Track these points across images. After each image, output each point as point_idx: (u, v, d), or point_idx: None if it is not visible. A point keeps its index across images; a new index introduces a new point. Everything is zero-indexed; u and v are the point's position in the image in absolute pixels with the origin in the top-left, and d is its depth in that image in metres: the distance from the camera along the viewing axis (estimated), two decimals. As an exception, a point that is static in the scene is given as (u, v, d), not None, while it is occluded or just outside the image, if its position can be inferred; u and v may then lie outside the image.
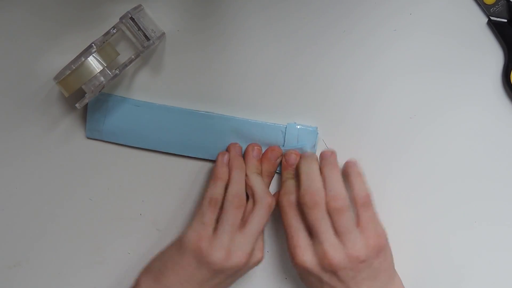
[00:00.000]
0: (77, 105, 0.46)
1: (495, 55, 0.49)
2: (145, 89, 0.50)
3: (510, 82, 0.48)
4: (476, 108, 0.49)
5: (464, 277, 0.47)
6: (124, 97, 0.50)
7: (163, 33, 0.49)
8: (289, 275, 0.51)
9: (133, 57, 0.47)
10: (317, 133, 0.49)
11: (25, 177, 0.52)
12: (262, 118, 0.50)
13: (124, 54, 0.48)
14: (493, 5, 0.48)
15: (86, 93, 0.45)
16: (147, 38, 0.46)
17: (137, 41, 0.47)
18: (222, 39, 0.50)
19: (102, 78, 0.45)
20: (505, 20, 0.48)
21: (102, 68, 0.45)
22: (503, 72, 0.49)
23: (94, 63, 0.44)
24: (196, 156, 0.50)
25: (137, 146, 0.51)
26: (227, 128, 0.49)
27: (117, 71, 0.46)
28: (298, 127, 0.49)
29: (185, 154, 0.50)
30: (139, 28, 0.46)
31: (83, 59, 0.44)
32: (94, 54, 0.44)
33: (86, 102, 0.46)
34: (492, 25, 0.48)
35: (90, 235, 0.52)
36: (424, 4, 0.49)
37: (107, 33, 0.46)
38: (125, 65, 0.47)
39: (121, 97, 0.50)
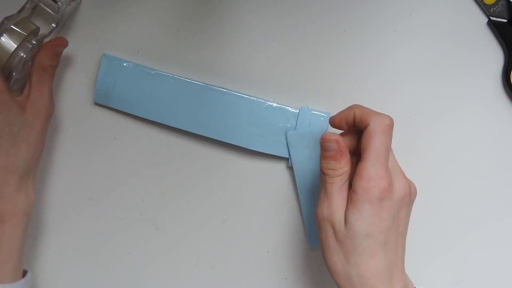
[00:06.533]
0: (10, 85, 0.45)
1: (495, 55, 0.49)
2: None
3: (510, 82, 0.48)
4: (476, 108, 0.49)
5: (464, 277, 0.46)
6: (138, 63, 0.50)
7: None
8: (289, 275, 0.51)
9: (53, 25, 0.47)
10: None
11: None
12: (274, 99, 0.49)
13: (46, 26, 0.48)
14: (493, 5, 0.48)
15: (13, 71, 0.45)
16: (55, 1, 0.46)
17: (49, 9, 0.47)
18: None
19: (21, 53, 0.45)
20: (505, 20, 0.48)
21: (19, 43, 0.44)
22: (503, 72, 0.49)
23: (10, 40, 0.44)
24: (204, 135, 0.49)
25: (145, 117, 0.50)
26: (241, 107, 0.49)
27: (34, 42, 0.45)
28: (312, 111, 0.49)
29: (193, 132, 0.49)
30: None
31: None
32: (8, 31, 0.44)
33: (16, 79, 0.45)
34: (492, 25, 0.48)
35: (90, 235, 0.52)
36: (424, 4, 0.49)
37: (22, 8, 0.46)
38: (45, 36, 0.47)
39: (134, 63, 0.50)
